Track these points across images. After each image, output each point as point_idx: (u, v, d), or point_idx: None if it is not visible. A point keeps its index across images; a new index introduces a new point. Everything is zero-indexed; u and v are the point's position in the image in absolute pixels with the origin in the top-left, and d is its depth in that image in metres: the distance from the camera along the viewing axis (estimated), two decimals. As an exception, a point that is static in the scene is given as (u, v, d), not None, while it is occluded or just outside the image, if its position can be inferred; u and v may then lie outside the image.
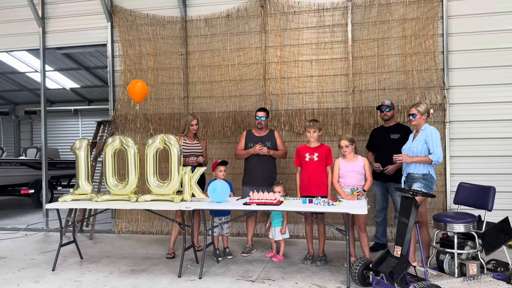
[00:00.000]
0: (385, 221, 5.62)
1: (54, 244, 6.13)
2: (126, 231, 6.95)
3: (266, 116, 5.57)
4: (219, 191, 4.65)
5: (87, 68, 11.67)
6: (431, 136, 4.46)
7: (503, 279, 3.97)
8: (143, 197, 4.87)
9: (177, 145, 4.81)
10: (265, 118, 5.55)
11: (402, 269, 3.72)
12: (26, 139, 15.31)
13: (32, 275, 4.76)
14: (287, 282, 4.36)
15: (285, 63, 6.44)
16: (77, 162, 5.10)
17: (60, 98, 14.42)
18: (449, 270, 4.05)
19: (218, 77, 6.67)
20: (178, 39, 6.81)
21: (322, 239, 5.09)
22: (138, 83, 5.67)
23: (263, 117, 5.53)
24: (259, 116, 5.53)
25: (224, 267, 4.89)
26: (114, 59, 7.13)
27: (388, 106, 5.40)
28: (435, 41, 5.92)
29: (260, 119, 5.52)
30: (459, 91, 5.91)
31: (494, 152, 5.79)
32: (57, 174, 11.36)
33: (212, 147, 6.64)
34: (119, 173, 5.44)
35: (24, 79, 12.70)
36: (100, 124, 7.15)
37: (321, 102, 6.30)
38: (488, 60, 5.83)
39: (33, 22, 7.41)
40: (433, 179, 4.51)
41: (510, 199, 5.70)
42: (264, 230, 6.31)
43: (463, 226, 4.06)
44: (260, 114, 5.54)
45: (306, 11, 6.36)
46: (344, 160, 4.90)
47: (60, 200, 5.04)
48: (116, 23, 7.07)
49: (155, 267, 4.98)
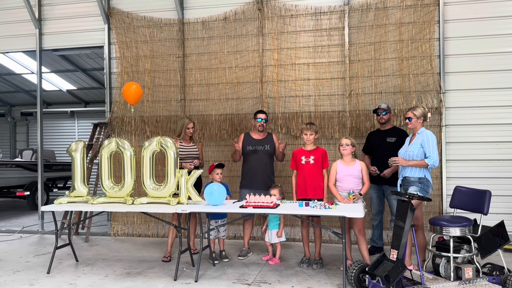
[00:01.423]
0: (381, 224, 5.63)
1: (49, 247, 6.10)
2: (122, 233, 6.92)
3: (266, 118, 5.57)
4: (216, 194, 4.64)
5: (84, 70, 11.64)
6: (427, 140, 4.46)
7: (499, 282, 3.98)
8: (139, 200, 4.85)
9: (174, 148, 4.79)
10: (266, 120, 5.56)
11: (398, 273, 3.72)
12: (22, 140, 15.24)
13: (27, 277, 4.73)
14: (283, 285, 4.35)
15: (282, 66, 6.45)
16: (73, 164, 5.07)
17: (56, 100, 14.37)
18: (445, 274, 4.05)
19: (215, 79, 6.68)
20: (175, 42, 6.81)
21: (318, 242, 5.09)
22: (132, 86, 5.66)
23: (265, 119, 5.53)
24: (260, 118, 5.50)
25: (220, 270, 4.88)
26: (111, 61, 7.12)
27: (384, 109, 5.42)
28: (431, 45, 5.95)
29: (262, 121, 5.51)
30: (455, 95, 5.93)
31: (490, 156, 5.81)
32: (53, 176, 11.32)
33: (209, 149, 6.63)
34: (115, 176, 5.42)
35: (21, 80, 12.65)
36: (97, 126, 7.13)
37: (318, 105, 6.31)
38: (484, 64, 5.86)
39: (30, 23, 7.40)
40: (429, 182, 4.52)
41: (506, 202, 5.72)
42: (260, 233, 6.31)
43: (459, 229, 4.07)
44: (261, 116, 5.51)
45: (303, 15, 6.37)
46: (342, 164, 4.88)
47: (55, 203, 5.01)
48: (113, 25, 7.06)
49: (151, 270, 4.96)
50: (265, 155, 5.49)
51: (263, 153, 5.48)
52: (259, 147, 5.49)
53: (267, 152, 5.50)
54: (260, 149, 5.48)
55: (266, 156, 5.49)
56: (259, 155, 5.47)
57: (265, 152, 5.49)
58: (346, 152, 4.83)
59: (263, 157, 5.48)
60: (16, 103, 14.80)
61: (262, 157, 5.47)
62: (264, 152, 5.48)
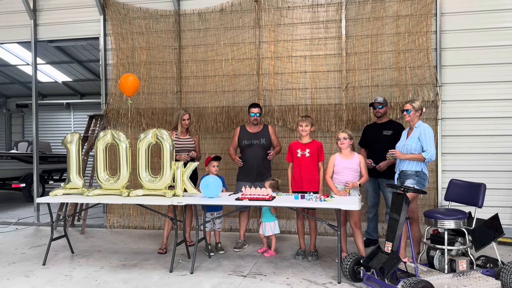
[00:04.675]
0: (376, 217, 5.65)
1: (45, 239, 6.10)
2: (117, 226, 6.92)
3: (260, 112, 5.56)
4: (212, 186, 4.64)
5: (79, 61, 11.58)
6: (424, 133, 4.47)
7: (492, 275, 4.01)
8: (134, 192, 4.85)
9: (170, 140, 4.78)
10: (260, 114, 5.54)
11: (393, 265, 3.74)
12: (17, 132, 15.19)
13: (22, 269, 4.73)
14: (279, 277, 4.37)
15: (279, 59, 6.42)
16: (69, 156, 5.06)
17: (52, 92, 14.30)
18: (439, 266, 4.08)
19: (211, 72, 6.64)
20: (171, 33, 6.76)
21: (313, 235, 5.11)
22: (129, 77, 5.61)
23: (258, 113, 5.51)
24: (253, 113, 5.48)
25: (216, 262, 4.89)
26: (107, 52, 7.07)
27: (380, 103, 5.41)
28: (428, 38, 5.93)
29: (256, 115, 5.50)
30: (451, 88, 5.93)
31: (486, 150, 5.83)
32: (49, 168, 11.29)
33: (205, 142, 6.62)
34: (111, 168, 5.41)
35: (16, 72, 12.58)
36: (92, 118, 7.10)
37: (314, 98, 6.30)
38: (480, 57, 5.85)
39: (25, 14, 7.32)
40: (426, 176, 4.53)
41: (500, 196, 5.75)
42: (256, 226, 6.32)
43: (454, 222, 4.09)
44: (254, 110, 5.49)
45: (300, 7, 6.34)
46: (340, 156, 4.86)
47: (51, 194, 5.00)
48: (108, 16, 7.00)
49: (147, 262, 4.96)
50: (260, 148, 5.48)
51: (258, 147, 5.47)
52: (255, 141, 5.48)
53: (263, 146, 5.49)
54: (256, 143, 5.48)
55: (261, 149, 5.48)
56: (254, 149, 5.47)
57: (260, 146, 5.48)
58: (344, 146, 4.82)
59: (258, 150, 5.47)
60: (12, 95, 14.73)
61: (257, 151, 5.46)
62: (260, 146, 5.48)
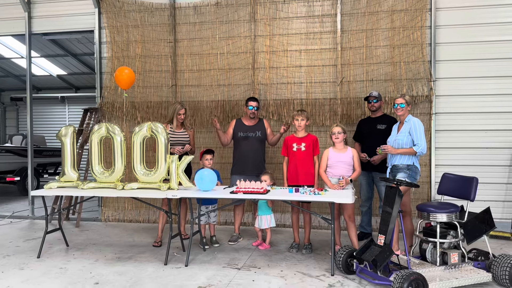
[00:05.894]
0: (370, 210, 5.70)
1: (39, 232, 6.10)
2: (112, 219, 6.93)
3: (258, 106, 5.57)
4: (206, 179, 4.64)
5: (74, 54, 11.51)
6: (415, 127, 4.52)
7: (483, 267, 4.06)
8: (129, 185, 4.86)
9: (165, 133, 4.79)
10: (257, 108, 5.55)
11: (385, 258, 3.78)
12: (12, 126, 15.10)
13: (17, 262, 4.74)
14: (273, 269, 4.41)
15: (274, 53, 6.42)
16: (63, 149, 5.05)
17: (46, 85, 14.22)
18: (431, 259, 4.12)
19: (206, 65, 6.64)
20: (166, 27, 6.74)
21: (307, 228, 5.15)
22: (125, 70, 5.60)
23: (256, 106, 5.53)
24: (252, 106, 5.50)
25: (211, 255, 4.92)
26: (102, 45, 7.04)
27: (375, 97, 5.44)
28: (423, 33, 5.95)
29: (254, 109, 5.51)
30: (445, 83, 5.96)
31: (479, 144, 5.88)
32: (44, 162, 11.25)
33: (200, 136, 6.63)
34: (106, 161, 5.41)
35: (10, 65, 12.48)
36: (87, 112, 7.08)
37: (310, 92, 6.32)
38: (475, 52, 5.88)
39: (19, 6, 7.26)
40: (417, 169, 4.58)
41: (492, 190, 5.80)
42: (251, 219, 6.35)
43: (446, 215, 4.13)
44: (253, 104, 5.51)
45: (296, 1, 6.33)
46: (333, 150, 4.91)
47: (45, 187, 5.00)
48: (103, 9, 6.96)
49: (142, 254, 4.98)
50: (256, 141, 5.50)
51: (254, 139, 5.50)
52: (251, 134, 5.50)
53: (258, 139, 5.52)
54: (252, 136, 5.50)
55: (257, 142, 5.51)
56: (250, 141, 5.49)
57: (256, 138, 5.50)
58: (338, 140, 4.86)
59: (254, 143, 5.50)
60: (6, 88, 14.63)
61: (253, 144, 5.49)
62: (255, 138, 5.50)
